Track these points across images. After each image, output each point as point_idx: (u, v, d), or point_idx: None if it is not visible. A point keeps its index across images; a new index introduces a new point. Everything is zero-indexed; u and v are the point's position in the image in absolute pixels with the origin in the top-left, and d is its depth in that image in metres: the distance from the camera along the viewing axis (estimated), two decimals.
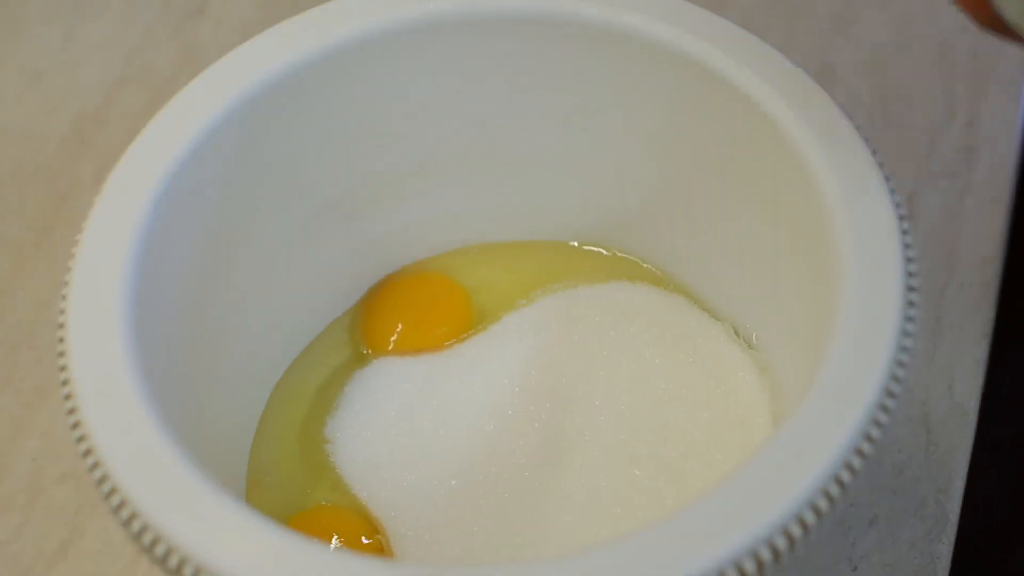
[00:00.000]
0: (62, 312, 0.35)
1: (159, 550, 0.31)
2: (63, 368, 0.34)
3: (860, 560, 0.42)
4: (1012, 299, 0.48)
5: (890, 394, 0.33)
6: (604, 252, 0.46)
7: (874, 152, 0.37)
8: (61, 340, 0.35)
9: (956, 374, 0.46)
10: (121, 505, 0.32)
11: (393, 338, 0.45)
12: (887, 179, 0.36)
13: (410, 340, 0.45)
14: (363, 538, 0.41)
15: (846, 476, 0.32)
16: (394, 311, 0.46)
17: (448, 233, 0.46)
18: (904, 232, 0.35)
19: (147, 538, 0.32)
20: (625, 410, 0.42)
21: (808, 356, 0.35)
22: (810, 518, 0.31)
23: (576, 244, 0.47)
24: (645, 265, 0.46)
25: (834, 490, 0.31)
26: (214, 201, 0.40)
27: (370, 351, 0.45)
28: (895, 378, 0.33)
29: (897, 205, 0.36)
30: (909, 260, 0.35)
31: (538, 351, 0.44)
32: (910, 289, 0.35)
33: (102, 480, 0.33)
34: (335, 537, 0.40)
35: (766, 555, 0.31)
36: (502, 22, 0.41)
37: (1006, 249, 0.49)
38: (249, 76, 0.39)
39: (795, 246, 0.39)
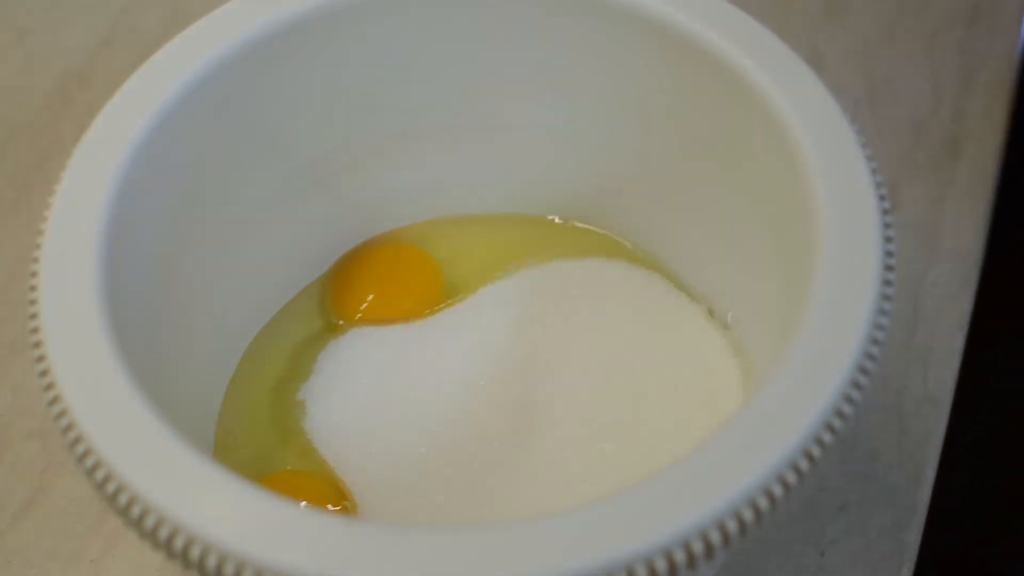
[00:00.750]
0: (34, 269, 0.35)
1: (134, 510, 0.31)
2: (34, 328, 0.34)
3: (828, 545, 0.42)
4: (990, 292, 0.48)
5: (863, 371, 0.33)
6: (582, 227, 0.46)
7: (859, 134, 0.36)
8: (33, 299, 0.35)
9: (931, 364, 0.46)
10: (96, 466, 0.32)
11: (363, 307, 0.44)
12: (870, 160, 0.36)
13: (380, 310, 0.44)
14: (329, 505, 0.41)
15: (816, 450, 0.31)
16: (365, 280, 0.45)
17: (425, 202, 0.46)
18: (884, 213, 0.35)
19: (122, 498, 0.31)
20: (598, 384, 0.42)
21: (783, 337, 0.35)
22: (778, 491, 0.31)
23: (554, 219, 0.46)
24: (622, 242, 0.45)
25: (803, 464, 0.31)
26: (191, 159, 0.39)
27: (341, 320, 0.45)
28: (869, 355, 0.33)
29: (879, 186, 0.36)
30: (888, 240, 0.35)
31: (513, 323, 0.43)
32: (887, 268, 0.34)
33: (75, 441, 0.32)
34: (302, 502, 0.40)
35: (732, 527, 0.30)
36: None
37: (986, 242, 0.49)
38: (230, 35, 0.39)
39: (774, 226, 0.39)
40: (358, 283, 0.45)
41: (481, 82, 0.43)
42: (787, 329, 0.35)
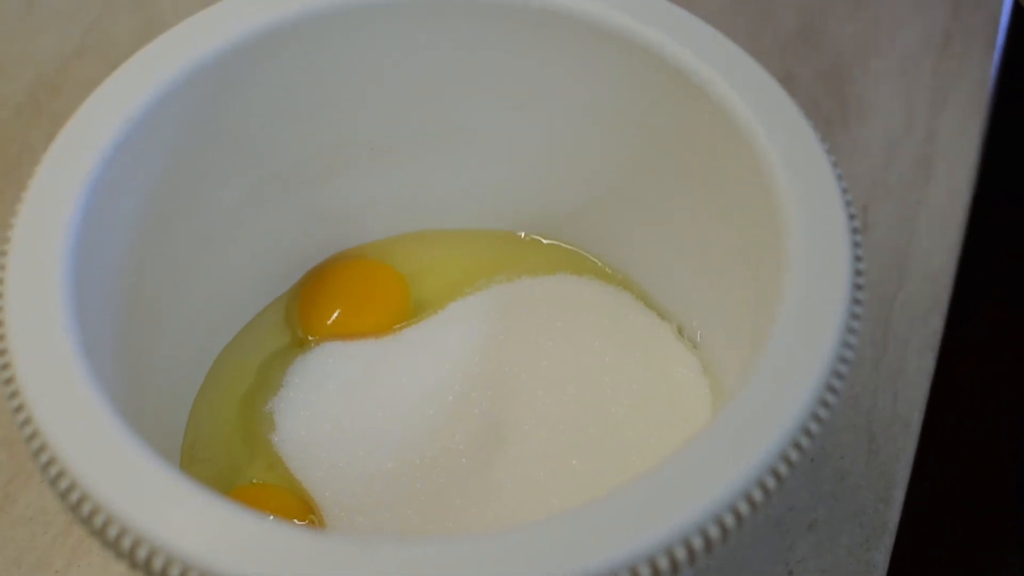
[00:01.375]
0: (0, 277, 0.35)
1: (98, 520, 0.31)
2: (0, 336, 0.34)
3: (796, 564, 0.42)
4: (961, 313, 0.48)
5: (831, 389, 0.32)
6: (551, 243, 0.46)
7: (830, 154, 0.37)
8: None
9: (901, 384, 0.46)
10: (59, 475, 0.31)
11: (330, 322, 0.44)
12: (841, 180, 0.36)
13: (347, 325, 0.44)
14: (296, 519, 0.40)
15: (783, 468, 0.31)
16: (332, 295, 0.45)
17: (395, 216, 0.46)
18: (854, 232, 0.35)
19: (86, 508, 0.31)
20: (566, 401, 0.42)
21: (751, 355, 0.35)
22: (744, 509, 0.31)
23: (523, 235, 0.46)
24: (592, 259, 0.45)
25: (770, 482, 0.31)
26: (162, 165, 0.39)
27: (309, 335, 0.44)
28: (837, 374, 0.33)
29: (848, 206, 0.36)
30: (858, 260, 0.35)
31: (481, 339, 0.43)
32: (856, 287, 0.34)
33: (39, 450, 0.32)
34: (269, 516, 0.40)
35: (698, 543, 0.30)
36: (458, 3, 0.41)
37: (957, 264, 0.49)
38: (205, 43, 0.39)
39: (745, 244, 0.39)
40: (325, 298, 0.45)
41: (452, 96, 0.43)
42: (756, 347, 0.35)
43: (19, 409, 0.32)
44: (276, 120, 0.42)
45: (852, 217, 0.35)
